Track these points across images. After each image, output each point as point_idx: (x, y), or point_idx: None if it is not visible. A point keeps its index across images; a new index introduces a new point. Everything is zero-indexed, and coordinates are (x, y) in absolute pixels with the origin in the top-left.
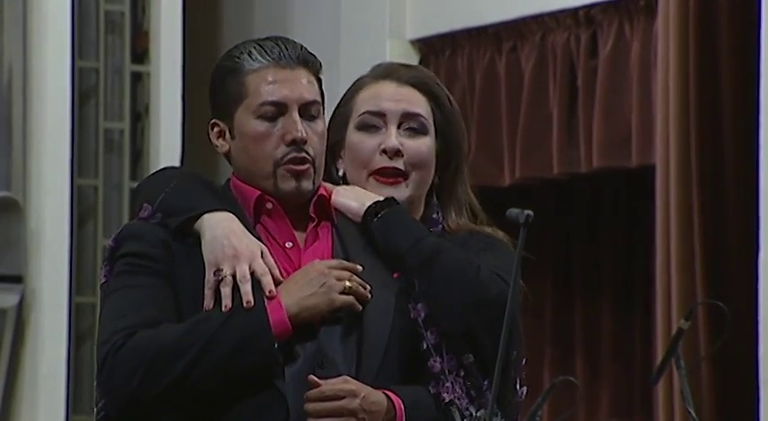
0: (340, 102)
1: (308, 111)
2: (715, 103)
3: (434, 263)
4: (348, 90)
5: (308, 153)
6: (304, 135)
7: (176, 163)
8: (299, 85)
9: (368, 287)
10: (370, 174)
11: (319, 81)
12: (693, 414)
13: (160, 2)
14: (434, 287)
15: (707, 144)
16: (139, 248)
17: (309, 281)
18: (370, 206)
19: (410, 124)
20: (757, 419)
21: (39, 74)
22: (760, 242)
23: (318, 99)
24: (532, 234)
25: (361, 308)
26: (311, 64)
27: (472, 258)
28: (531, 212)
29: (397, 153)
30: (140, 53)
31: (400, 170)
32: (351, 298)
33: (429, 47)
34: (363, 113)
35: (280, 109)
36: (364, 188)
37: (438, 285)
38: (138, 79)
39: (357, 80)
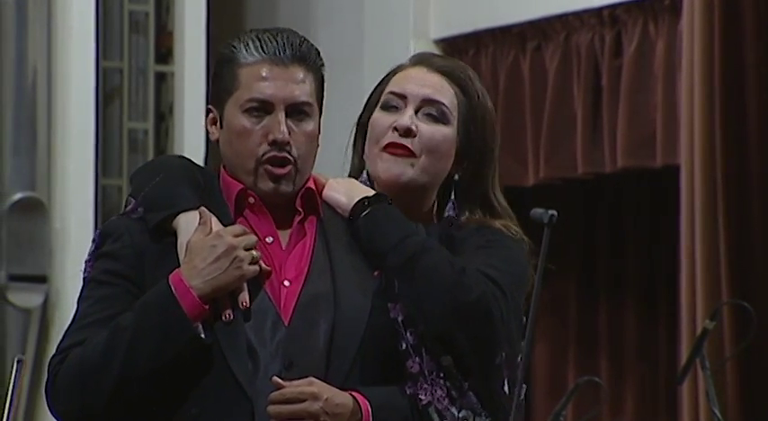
0: (377, 85)
1: (297, 110)
2: (740, 103)
3: (415, 263)
4: (386, 75)
5: (290, 153)
6: (286, 137)
7: (200, 163)
8: (290, 85)
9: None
10: (380, 151)
11: (319, 78)
12: (718, 414)
13: (184, 2)
14: (414, 288)
15: (732, 144)
16: (115, 249)
17: (218, 258)
18: (358, 201)
19: (429, 110)
20: None
21: (63, 74)
22: None
23: (309, 99)
24: (556, 234)
25: (270, 270)
26: (309, 61)
27: (456, 259)
28: (555, 212)
29: (408, 132)
30: (164, 53)
31: (409, 149)
32: (256, 267)
33: (453, 46)
34: (388, 93)
35: (266, 107)
36: (374, 165)
37: (417, 286)
38: (163, 79)
39: (396, 66)
